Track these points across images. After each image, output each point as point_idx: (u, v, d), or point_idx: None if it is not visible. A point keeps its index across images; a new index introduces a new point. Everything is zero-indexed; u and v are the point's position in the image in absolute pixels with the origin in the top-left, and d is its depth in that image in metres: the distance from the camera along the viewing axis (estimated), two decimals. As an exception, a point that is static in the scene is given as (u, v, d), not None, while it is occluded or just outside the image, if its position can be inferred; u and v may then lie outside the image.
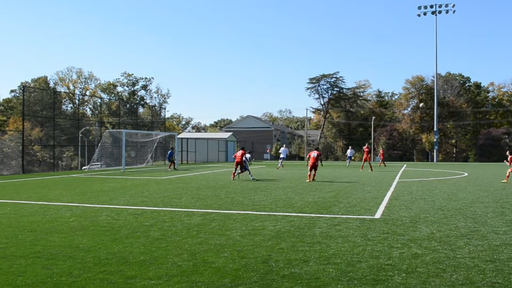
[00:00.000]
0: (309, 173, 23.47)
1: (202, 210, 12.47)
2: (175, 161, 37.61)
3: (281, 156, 38.66)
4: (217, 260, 7.00)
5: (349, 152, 44.82)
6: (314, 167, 23.44)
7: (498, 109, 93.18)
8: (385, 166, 42.53)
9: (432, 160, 75.71)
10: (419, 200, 14.79)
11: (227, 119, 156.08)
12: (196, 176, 27.66)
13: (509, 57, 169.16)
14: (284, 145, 38.74)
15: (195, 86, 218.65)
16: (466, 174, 30.84)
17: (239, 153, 25.09)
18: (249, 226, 9.89)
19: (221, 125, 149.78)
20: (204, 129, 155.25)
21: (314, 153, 23.99)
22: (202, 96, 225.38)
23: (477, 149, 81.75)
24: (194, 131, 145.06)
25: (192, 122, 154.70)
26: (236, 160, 24.88)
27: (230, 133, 76.16)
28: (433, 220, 10.76)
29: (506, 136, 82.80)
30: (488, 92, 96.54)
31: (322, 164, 27.40)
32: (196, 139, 63.36)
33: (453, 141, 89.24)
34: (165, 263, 6.83)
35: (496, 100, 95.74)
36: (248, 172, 24.98)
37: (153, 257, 7.22)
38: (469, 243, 8.20)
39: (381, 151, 43.99)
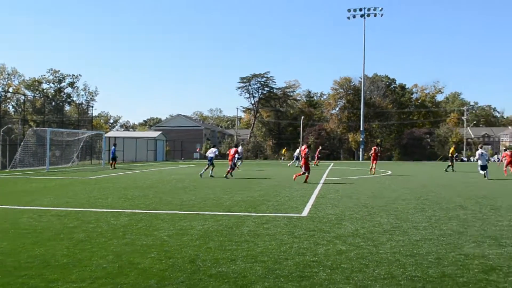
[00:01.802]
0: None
1: (129, 211, 12.24)
2: (104, 160, 37.06)
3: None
4: (143, 261, 6.90)
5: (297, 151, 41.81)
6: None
7: (421, 110, 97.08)
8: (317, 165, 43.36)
9: (358, 159, 77.83)
10: (345, 198, 15.16)
11: (156, 118, 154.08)
12: (124, 176, 27.14)
13: (431, 59, 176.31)
14: (213, 145, 36.23)
15: (124, 84, 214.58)
16: (390, 172, 31.89)
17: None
18: (177, 226, 9.80)
19: (150, 123, 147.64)
20: (133, 127, 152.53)
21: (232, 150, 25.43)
22: (131, 94, 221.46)
23: (400, 148, 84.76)
24: (122, 129, 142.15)
25: (121, 121, 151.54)
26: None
27: (160, 132, 75.21)
28: (357, 217, 11.06)
29: (428, 136, 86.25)
30: (412, 93, 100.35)
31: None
32: (124, 138, 62.09)
33: (378, 140, 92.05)
34: (89, 266, 6.65)
35: (419, 101, 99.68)
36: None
37: (77, 259, 7.02)
38: (391, 239, 8.49)
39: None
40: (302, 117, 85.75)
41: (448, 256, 7.22)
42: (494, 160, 68.94)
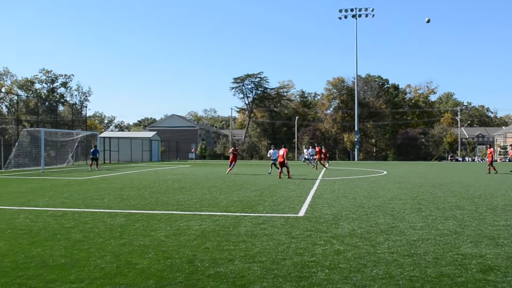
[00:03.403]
0: (280, 170, 25.49)
1: (126, 211, 12.23)
2: (98, 160, 36.60)
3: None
4: (141, 261, 6.89)
5: (310, 151, 40.27)
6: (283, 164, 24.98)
7: (415, 110, 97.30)
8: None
9: (354, 159, 77.91)
10: (341, 198, 15.18)
11: (151, 118, 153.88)
12: (119, 176, 27.09)
13: (424, 60, 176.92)
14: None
15: (118, 84, 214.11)
16: (385, 172, 31.95)
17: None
18: (174, 226, 9.79)
19: (145, 124, 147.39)
20: (128, 128, 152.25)
21: (281, 151, 25.31)
22: (125, 94, 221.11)
23: (395, 148, 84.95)
24: (117, 130, 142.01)
25: (115, 121, 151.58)
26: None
27: (154, 132, 75.15)
28: (354, 217, 11.07)
29: (422, 136, 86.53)
30: (405, 93, 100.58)
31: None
32: (119, 138, 62.00)
33: (373, 140, 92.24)
34: (87, 266, 6.64)
35: (412, 101, 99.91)
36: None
37: (75, 259, 7.00)
38: (388, 239, 8.50)
39: (323, 150, 41.77)
40: (297, 117, 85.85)
41: (446, 256, 7.25)
42: None
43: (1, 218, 11.04)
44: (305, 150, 43.02)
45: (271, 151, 28.68)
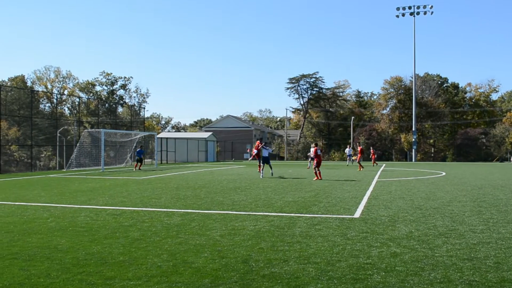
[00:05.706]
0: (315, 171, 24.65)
1: (182, 210, 12.42)
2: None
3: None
4: (197, 260, 6.98)
5: (347, 150, 46.78)
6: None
7: (475, 110, 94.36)
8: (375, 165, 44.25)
9: (411, 160, 76.38)
10: (398, 200, 14.91)
11: (207, 119, 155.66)
12: (176, 176, 27.54)
13: (485, 58, 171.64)
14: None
15: (175, 85, 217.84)
16: (444, 173, 31.17)
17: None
18: (229, 226, 9.87)
19: (201, 124, 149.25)
20: (184, 128, 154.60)
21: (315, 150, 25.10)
22: (182, 95, 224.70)
23: (454, 149, 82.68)
24: (173, 130, 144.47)
25: (172, 122, 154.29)
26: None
27: (210, 133, 75.95)
28: (411, 219, 10.85)
29: (483, 136, 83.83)
30: (466, 92, 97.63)
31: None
32: (175, 138, 63.06)
33: (431, 141, 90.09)
34: (145, 264, 6.78)
35: (473, 100, 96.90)
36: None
37: (133, 257, 7.17)
38: (447, 242, 8.29)
39: (371, 151, 45.25)
40: (352, 117, 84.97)
41: (507, 260, 7.00)
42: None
43: (63, 216, 11.44)
44: (347, 150, 46.62)
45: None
